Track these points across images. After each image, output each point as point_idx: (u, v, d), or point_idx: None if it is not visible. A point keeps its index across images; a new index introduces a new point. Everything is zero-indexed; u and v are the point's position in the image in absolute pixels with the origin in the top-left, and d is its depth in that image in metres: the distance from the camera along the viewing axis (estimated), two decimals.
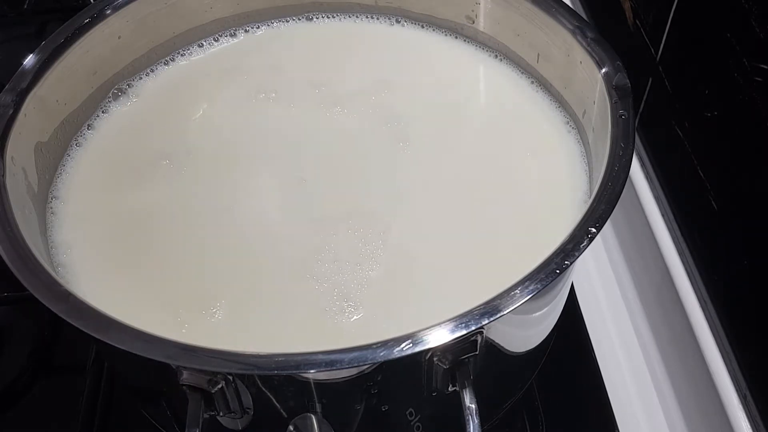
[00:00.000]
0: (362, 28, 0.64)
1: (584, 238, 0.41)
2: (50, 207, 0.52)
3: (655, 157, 0.67)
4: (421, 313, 0.44)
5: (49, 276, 0.41)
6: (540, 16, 0.55)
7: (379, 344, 0.37)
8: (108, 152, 0.56)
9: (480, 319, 0.38)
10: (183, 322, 0.46)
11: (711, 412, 0.56)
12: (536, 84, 0.59)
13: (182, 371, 0.38)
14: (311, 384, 0.41)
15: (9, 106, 0.49)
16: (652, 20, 0.63)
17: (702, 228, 0.60)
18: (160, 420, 0.52)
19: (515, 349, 0.48)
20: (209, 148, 0.56)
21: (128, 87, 0.59)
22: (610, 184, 0.43)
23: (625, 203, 0.69)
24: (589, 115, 0.53)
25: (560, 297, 0.51)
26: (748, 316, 0.54)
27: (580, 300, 0.66)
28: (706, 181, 0.57)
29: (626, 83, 0.48)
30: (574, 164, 0.53)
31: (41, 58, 0.52)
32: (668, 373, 0.63)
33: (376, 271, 0.48)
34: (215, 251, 0.50)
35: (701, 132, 0.58)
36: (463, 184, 0.53)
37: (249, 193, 0.53)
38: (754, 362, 0.53)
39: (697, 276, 0.60)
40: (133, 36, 0.58)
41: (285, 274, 0.48)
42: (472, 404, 0.39)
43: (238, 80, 0.61)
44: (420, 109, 0.58)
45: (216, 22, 0.63)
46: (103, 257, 0.50)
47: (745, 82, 0.50)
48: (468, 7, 0.60)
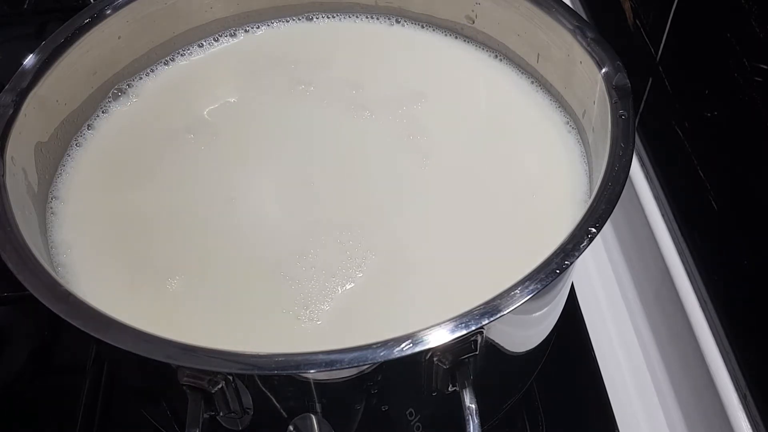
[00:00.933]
0: (362, 28, 0.64)
1: (584, 238, 0.41)
2: (50, 207, 0.52)
3: (655, 157, 0.67)
4: (421, 314, 0.44)
5: (49, 276, 0.41)
6: (540, 16, 0.55)
7: (379, 344, 0.37)
8: (108, 152, 0.56)
9: (480, 319, 0.38)
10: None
11: (711, 412, 0.56)
12: (536, 84, 0.59)
13: (182, 371, 0.38)
14: (311, 384, 0.41)
15: (9, 106, 0.49)
16: (652, 20, 0.63)
17: (702, 228, 0.60)
18: (160, 420, 0.52)
19: (515, 349, 0.48)
20: (209, 147, 0.56)
21: (128, 87, 0.59)
22: (610, 184, 0.43)
23: (625, 203, 0.69)
24: (589, 115, 0.53)
25: (560, 297, 0.51)
26: (748, 316, 0.54)
27: (580, 300, 0.66)
28: (706, 181, 0.57)
29: (626, 83, 0.48)
30: (574, 164, 0.53)
31: (41, 58, 0.52)
32: (668, 373, 0.63)
33: (348, 286, 0.47)
34: (215, 250, 0.50)
35: (701, 132, 0.58)
36: (462, 183, 0.53)
37: (249, 193, 0.53)
38: (754, 362, 0.53)
39: (697, 276, 0.60)
40: (133, 36, 0.58)
41: (262, 273, 0.48)
42: (472, 404, 0.39)
43: (239, 80, 0.61)
44: (421, 107, 0.58)
45: (216, 22, 0.63)
46: (102, 257, 0.50)
47: (745, 82, 0.50)
48: (468, 7, 0.60)
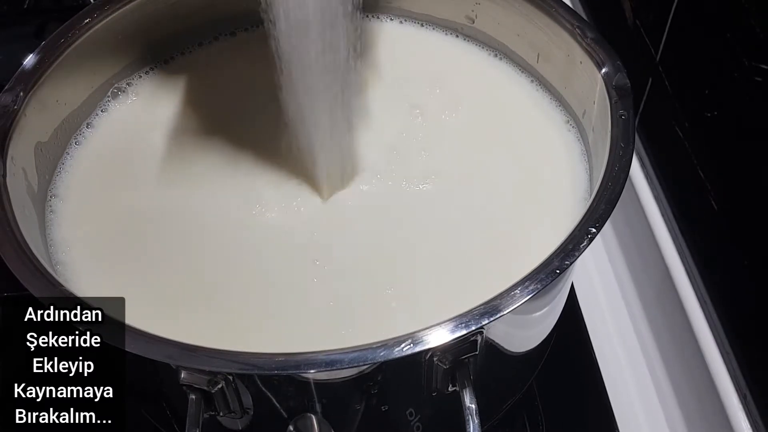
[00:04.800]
0: (361, 25, 0.64)
1: (584, 238, 0.41)
2: (49, 205, 0.52)
3: (655, 157, 0.67)
4: (421, 314, 0.44)
5: (49, 277, 0.41)
6: (540, 16, 0.54)
7: (379, 344, 0.37)
8: (107, 151, 0.56)
9: (480, 319, 0.38)
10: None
11: (711, 412, 0.56)
12: (536, 82, 0.59)
13: (182, 371, 0.38)
14: (311, 384, 0.41)
15: (9, 106, 0.49)
16: (652, 20, 0.63)
17: (702, 228, 0.60)
18: (160, 420, 0.52)
19: (515, 349, 0.48)
20: (209, 146, 0.56)
21: (127, 86, 0.59)
22: (610, 184, 0.43)
23: (625, 203, 0.69)
24: (589, 115, 0.53)
25: (560, 297, 0.51)
26: (748, 316, 0.54)
27: (580, 300, 0.66)
28: (706, 181, 0.57)
29: (626, 83, 0.48)
30: (575, 163, 0.53)
31: (41, 58, 0.52)
32: (668, 373, 0.63)
33: (349, 285, 0.48)
34: (213, 248, 0.50)
35: (701, 132, 0.58)
36: (462, 182, 0.53)
37: (249, 191, 0.53)
38: (754, 362, 0.53)
39: (697, 276, 0.60)
40: (133, 36, 0.58)
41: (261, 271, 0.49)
42: (472, 404, 0.39)
43: (239, 78, 0.61)
44: (420, 106, 0.58)
45: (216, 21, 0.63)
46: (101, 255, 0.50)
47: (745, 82, 0.50)
48: (468, 7, 0.60)
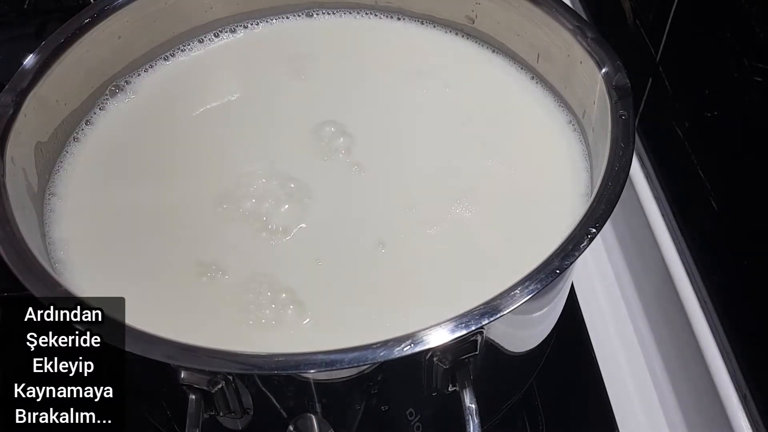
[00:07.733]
0: (362, 24, 0.64)
1: (584, 238, 0.41)
2: (48, 204, 0.52)
3: (655, 157, 0.67)
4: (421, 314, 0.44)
5: (50, 277, 0.41)
6: (540, 16, 0.54)
7: (379, 344, 0.37)
8: (106, 148, 0.56)
9: (480, 319, 0.38)
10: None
11: (711, 412, 0.56)
12: (536, 80, 0.59)
13: (182, 371, 0.38)
14: (311, 384, 0.41)
15: (9, 106, 0.49)
16: (652, 20, 0.63)
17: (702, 228, 0.60)
18: (160, 420, 0.52)
19: (515, 349, 0.48)
20: (207, 143, 0.56)
21: (126, 84, 0.59)
22: (610, 184, 0.43)
23: (625, 203, 0.69)
24: (589, 115, 0.53)
25: (560, 297, 0.51)
26: (748, 316, 0.54)
27: (580, 300, 0.66)
28: (706, 181, 0.57)
29: (626, 83, 0.48)
30: (575, 162, 0.53)
31: (41, 58, 0.52)
32: (668, 373, 0.63)
33: (349, 284, 0.48)
34: (213, 246, 0.50)
35: (701, 132, 0.58)
36: (462, 181, 0.53)
37: (249, 188, 0.53)
38: (754, 362, 0.53)
39: (697, 276, 0.60)
40: (133, 36, 0.58)
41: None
42: (472, 404, 0.39)
43: (238, 75, 0.61)
44: (421, 103, 0.58)
45: (216, 21, 0.62)
46: (100, 253, 0.50)
47: (745, 82, 0.50)
48: (468, 7, 0.60)
